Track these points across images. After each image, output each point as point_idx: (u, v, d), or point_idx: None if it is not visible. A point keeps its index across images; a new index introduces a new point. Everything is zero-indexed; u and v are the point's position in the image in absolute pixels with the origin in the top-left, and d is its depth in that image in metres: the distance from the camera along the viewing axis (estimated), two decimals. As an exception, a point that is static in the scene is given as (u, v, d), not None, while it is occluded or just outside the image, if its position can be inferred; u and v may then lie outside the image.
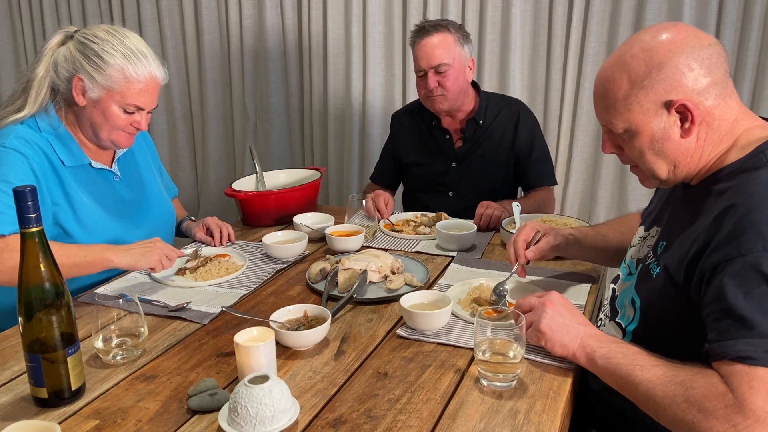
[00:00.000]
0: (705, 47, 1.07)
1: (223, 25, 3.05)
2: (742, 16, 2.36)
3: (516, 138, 2.22)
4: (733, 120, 1.10)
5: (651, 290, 1.16)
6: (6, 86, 3.54)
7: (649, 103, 1.09)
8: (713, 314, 1.00)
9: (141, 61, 1.57)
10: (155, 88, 1.62)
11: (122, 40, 1.57)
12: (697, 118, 1.07)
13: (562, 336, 1.15)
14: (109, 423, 1.05)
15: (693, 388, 0.95)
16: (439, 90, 2.11)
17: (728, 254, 0.98)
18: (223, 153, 3.28)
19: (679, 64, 1.06)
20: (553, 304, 1.18)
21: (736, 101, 1.11)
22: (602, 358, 1.09)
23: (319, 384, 1.16)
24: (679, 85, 1.07)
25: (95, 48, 1.55)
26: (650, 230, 1.27)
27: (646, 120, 1.10)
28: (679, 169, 1.13)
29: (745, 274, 0.96)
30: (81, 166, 1.64)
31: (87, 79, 1.55)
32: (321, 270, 1.60)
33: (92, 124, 1.61)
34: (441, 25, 2.11)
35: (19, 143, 1.52)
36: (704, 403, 0.93)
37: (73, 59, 1.56)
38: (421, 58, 2.10)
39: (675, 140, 1.10)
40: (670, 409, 0.97)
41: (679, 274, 1.08)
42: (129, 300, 1.26)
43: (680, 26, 1.11)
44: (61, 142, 1.60)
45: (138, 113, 1.62)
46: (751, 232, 0.97)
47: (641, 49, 1.09)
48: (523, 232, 1.52)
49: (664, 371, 1.01)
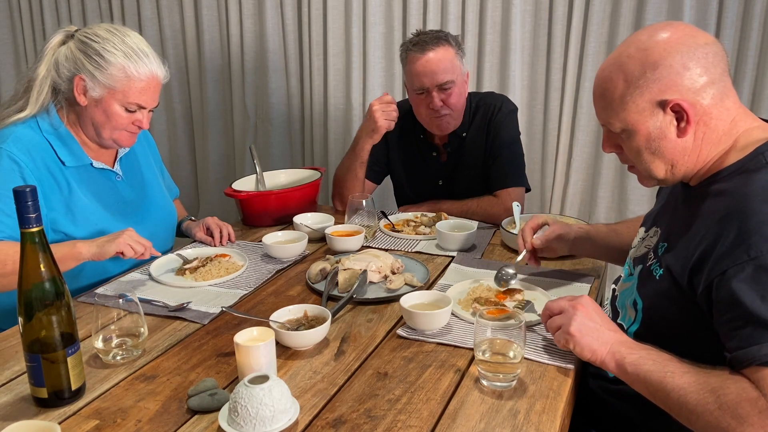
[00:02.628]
0: (701, 46, 1.07)
1: (223, 25, 3.05)
2: (742, 16, 2.36)
3: (487, 140, 2.12)
4: (731, 120, 1.10)
5: (654, 293, 1.15)
6: (6, 86, 3.54)
7: (644, 102, 1.09)
8: (731, 322, 0.98)
9: (142, 60, 1.57)
10: (156, 86, 1.63)
11: (123, 38, 1.57)
12: (693, 117, 1.07)
13: (591, 341, 1.12)
14: (109, 423, 1.05)
15: (725, 394, 0.94)
16: (446, 109, 2.01)
17: (737, 259, 0.97)
18: (223, 153, 3.27)
19: (674, 64, 1.06)
20: (584, 308, 1.15)
21: (734, 101, 1.11)
22: (632, 365, 1.07)
23: (319, 384, 1.16)
24: (674, 84, 1.06)
25: (96, 47, 1.55)
26: (649, 231, 1.27)
27: (642, 119, 1.10)
28: (676, 168, 1.13)
29: (758, 277, 0.95)
30: (82, 166, 1.64)
31: (88, 78, 1.55)
32: (321, 270, 1.60)
33: (94, 123, 1.61)
34: (441, 38, 1.99)
35: (15, 148, 1.51)
36: (737, 409, 0.92)
37: (74, 59, 1.56)
38: (424, 74, 1.97)
39: (671, 140, 1.10)
40: (703, 416, 0.96)
41: (683, 278, 1.07)
42: (129, 300, 1.26)
43: (677, 25, 1.11)
44: (62, 142, 1.60)
45: (140, 112, 1.62)
46: (757, 235, 0.97)
47: (637, 48, 1.09)
48: (532, 220, 1.56)
49: (695, 378, 0.99)
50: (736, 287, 0.97)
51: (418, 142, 2.20)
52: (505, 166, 2.10)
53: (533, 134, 2.71)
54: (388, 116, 2.03)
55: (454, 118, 2.06)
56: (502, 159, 2.11)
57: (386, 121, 2.03)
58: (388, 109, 2.03)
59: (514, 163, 2.13)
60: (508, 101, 2.17)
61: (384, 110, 2.02)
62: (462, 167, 2.17)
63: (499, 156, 2.11)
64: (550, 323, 1.19)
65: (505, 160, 2.11)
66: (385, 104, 2.03)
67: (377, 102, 2.03)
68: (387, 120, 2.03)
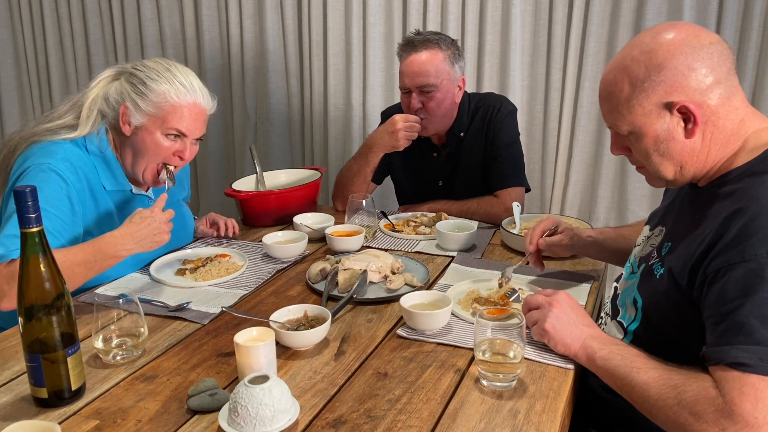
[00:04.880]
0: (705, 46, 1.06)
1: (223, 25, 3.05)
2: (742, 16, 2.36)
3: (486, 141, 2.12)
4: (740, 119, 1.10)
5: (654, 291, 1.16)
6: (6, 86, 3.54)
7: (650, 105, 1.09)
8: (713, 317, 1.00)
9: (185, 87, 1.57)
10: (199, 114, 1.60)
11: (168, 68, 1.58)
12: (701, 118, 1.07)
13: (564, 336, 1.17)
14: (109, 423, 1.05)
15: (685, 391, 0.97)
16: (423, 113, 2.02)
17: (732, 259, 0.98)
18: (223, 153, 3.28)
19: (679, 65, 1.06)
20: (559, 303, 1.20)
21: (742, 99, 1.11)
22: (602, 360, 1.11)
23: (319, 384, 1.16)
24: (680, 86, 1.06)
25: (141, 75, 1.56)
26: (654, 230, 1.27)
27: (650, 122, 1.10)
28: (686, 169, 1.13)
29: (748, 279, 0.96)
30: (120, 191, 1.64)
31: (131, 106, 1.55)
32: (321, 270, 1.60)
33: (134, 152, 1.60)
34: (431, 41, 1.99)
35: (64, 166, 1.50)
36: (695, 407, 0.95)
37: (122, 90, 1.57)
38: (406, 75, 2.00)
39: (680, 141, 1.10)
40: (663, 411, 1.00)
41: (683, 276, 1.08)
42: (129, 300, 1.26)
43: (680, 26, 1.11)
44: (107, 166, 1.60)
45: (181, 141, 1.60)
46: (756, 237, 0.97)
47: (641, 51, 1.09)
48: (544, 222, 1.58)
49: (659, 374, 1.03)
50: (725, 286, 0.98)
51: (419, 143, 2.20)
52: (505, 167, 2.10)
53: (533, 134, 2.71)
54: (410, 136, 2.05)
55: (432, 123, 2.06)
56: (502, 159, 2.11)
57: (407, 141, 2.05)
58: (411, 130, 2.04)
59: (514, 163, 2.13)
60: (508, 102, 2.17)
61: (407, 130, 2.03)
62: (462, 167, 2.17)
63: (499, 156, 2.11)
64: (528, 317, 1.24)
65: (505, 160, 2.11)
66: (410, 124, 2.03)
67: (402, 120, 2.03)
68: (408, 140, 2.05)
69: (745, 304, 0.95)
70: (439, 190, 2.21)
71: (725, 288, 0.98)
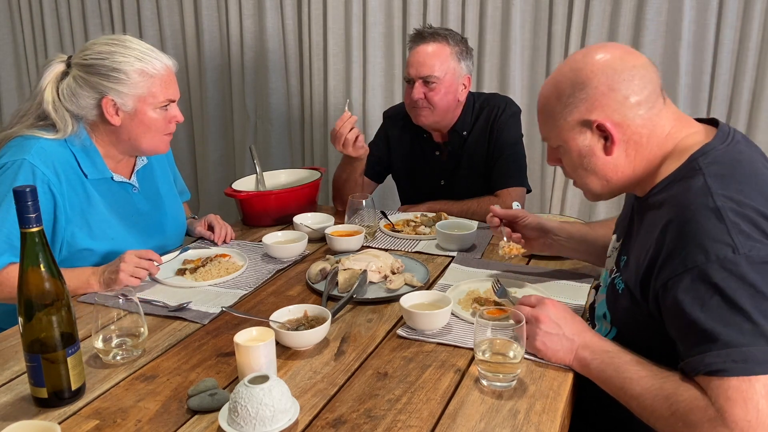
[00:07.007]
0: (628, 69, 1.10)
1: (223, 25, 3.05)
2: (742, 16, 2.36)
3: (489, 141, 2.12)
4: (665, 135, 1.13)
5: (619, 307, 1.19)
6: (6, 86, 3.54)
7: (573, 121, 1.13)
8: (677, 330, 1.02)
9: (151, 56, 1.57)
10: (173, 76, 1.63)
11: (125, 44, 1.57)
12: (618, 137, 1.11)
13: (557, 351, 1.18)
14: (109, 423, 1.05)
15: (678, 402, 0.98)
16: (424, 102, 2.02)
17: (675, 270, 1.00)
18: (223, 153, 3.28)
19: (600, 85, 1.09)
20: (546, 317, 1.19)
21: (669, 116, 1.13)
22: (596, 370, 1.12)
23: (319, 384, 1.16)
24: (600, 104, 1.10)
25: (107, 63, 1.53)
26: (617, 242, 1.30)
27: (572, 137, 1.14)
28: (612, 183, 1.17)
29: (696, 287, 0.98)
30: (103, 179, 1.63)
31: (115, 96, 1.54)
32: (321, 270, 1.60)
33: (131, 138, 1.60)
34: (440, 35, 2.00)
35: (39, 160, 1.50)
36: (689, 417, 0.96)
37: (89, 85, 1.54)
38: (411, 64, 2.01)
39: (600, 157, 1.14)
40: (659, 421, 1.01)
41: (636, 291, 1.11)
42: (129, 300, 1.26)
43: (611, 47, 1.14)
44: (87, 154, 1.60)
45: (171, 107, 1.62)
46: (692, 245, 0.99)
47: (570, 68, 1.14)
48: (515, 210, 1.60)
49: (651, 383, 1.03)
50: (678, 297, 1.00)
51: (421, 141, 2.20)
52: (506, 167, 2.11)
53: (533, 135, 2.71)
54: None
55: (433, 114, 2.06)
56: (504, 159, 2.11)
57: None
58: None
59: (516, 163, 2.13)
60: (512, 103, 2.18)
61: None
62: (464, 167, 2.17)
63: (501, 156, 2.11)
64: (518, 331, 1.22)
65: (507, 160, 2.11)
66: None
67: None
68: None
69: (702, 312, 0.97)
70: (440, 189, 2.21)
71: (678, 299, 0.99)
